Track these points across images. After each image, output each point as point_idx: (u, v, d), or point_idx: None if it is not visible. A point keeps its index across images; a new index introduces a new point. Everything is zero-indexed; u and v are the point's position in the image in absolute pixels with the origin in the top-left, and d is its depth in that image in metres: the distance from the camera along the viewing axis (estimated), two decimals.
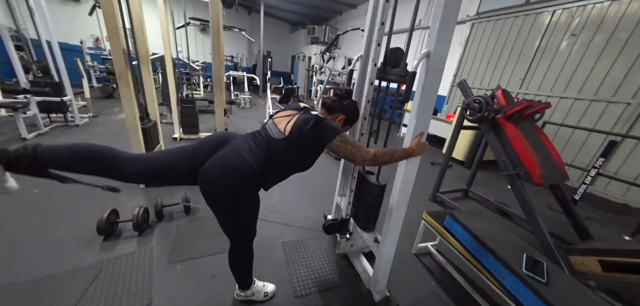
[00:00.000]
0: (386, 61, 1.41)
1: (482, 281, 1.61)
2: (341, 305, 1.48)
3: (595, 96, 3.51)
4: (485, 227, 1.52)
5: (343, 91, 1.31)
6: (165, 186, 1.40)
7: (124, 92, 2.16)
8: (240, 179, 1.03)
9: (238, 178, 1.03)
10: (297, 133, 1.08)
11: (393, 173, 1.41)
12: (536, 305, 1.08)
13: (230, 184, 1.02)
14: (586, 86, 3.59)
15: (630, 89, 3.24)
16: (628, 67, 3.23)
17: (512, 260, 1.25)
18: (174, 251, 1.72)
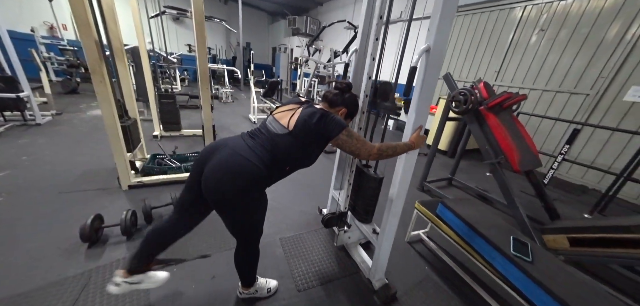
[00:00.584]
0: (376, 93, 1.47)
1: (471, 264, 1.74)
2: (343, 296, 1.52)
3: (560, 88, 3.84)
4: (474, 213, 1.63)
5: (344, 84, 1.31)
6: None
7: (100, 88, 1.99)
8: (245, 179, 1.01)
9: (243, 179, 1.01)
10: (302, 127, 1.07)
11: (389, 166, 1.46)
12: (524, 282, 1.19)
13: (234, 186, 1.00)
14: (552, 78, 3.91)
15: (588, 81, 3.58)
16: (588, 61, 3.56)
17: (500, 242, 1.37)
18: (168, 253, 1.64)
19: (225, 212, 1.10)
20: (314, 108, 1.14)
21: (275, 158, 1.08)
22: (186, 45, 11.05)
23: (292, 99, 1.26)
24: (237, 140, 1.12)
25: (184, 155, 2.90)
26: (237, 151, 1.04)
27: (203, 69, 2.38)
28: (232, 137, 1.15)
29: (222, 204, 1.06)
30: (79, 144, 3.17)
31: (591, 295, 1.11)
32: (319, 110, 1.11)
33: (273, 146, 1.08)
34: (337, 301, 1.48)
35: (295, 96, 1.33)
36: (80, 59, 6.45)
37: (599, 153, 3.56)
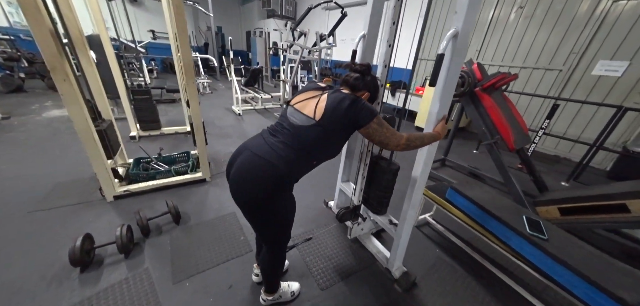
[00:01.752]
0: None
1: (481, 243, 1.81)
2: (365, 288, 1.52)
3: (536, 65, 4.06)
4: (483, 195, 1.69)
5: (364, 66, 1.18)
6: None
7: (64, 88, 1.71)
8: (266, 182, 0.93)
9: (264, 182, 0.93)
10: (331, 116, 0.97)
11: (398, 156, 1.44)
12: (542, 259, 1.26)
13: (256, 190, 0.93)
14: (529, 56, 4.12)
15: (561, 58, 3.82)
16: (561, 38, 3.78)
17: (514, 222, 1.43)
18: (176, 268, 1.52)
19: (252, 217, 1.05)
20: (341, 93, 1.03)
21: (301, 153, 0.99)
22: (149, 32, 10.01)
23: (310, 85, 1.15)
24: (257, 139, 1.03)
25: (171, 156, 2.67)
26: (255, 153, 0.96)
27: (187, 60, 2.14)
28: (253, 138, 1.07)
29: (248, 210, 1.02)
30: (42, 153, 2.78)
31: (605, 265, 1.20)
32: (348, 95, 1.01)
33: (298, 140, 0.98)
34: (361, 294, 1.48)
35: (313, 82, 1.22)
36: (20, 49, 5.58)
37: (569, 125, 3.88)
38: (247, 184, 0.94)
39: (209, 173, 2.49)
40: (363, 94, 1.16)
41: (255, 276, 1.49)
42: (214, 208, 2.10)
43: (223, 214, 2.04)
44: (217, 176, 2.59)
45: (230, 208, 2.11)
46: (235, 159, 1.01)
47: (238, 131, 3.99)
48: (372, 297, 1.47)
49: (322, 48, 4.58)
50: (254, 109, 5.40)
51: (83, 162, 2.61)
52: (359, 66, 1.20)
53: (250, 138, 1.06)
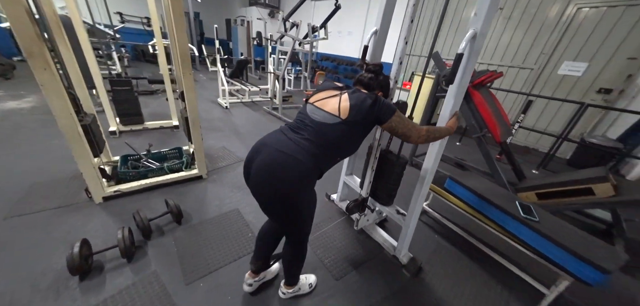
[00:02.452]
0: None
1: (473, 226, 1.97)
2: (376, 275, 1.60)
3: (512, 63, 4.40)
4: (479, 185, 1.83)
5: (377, 66, 1.25)
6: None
7: (45, 77, 1.54)
8: (292, 178, 0.94)
9: (289, 178, 0.94)
10: (356, 114, 1.01)
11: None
12: (535, 239, 1.42)
13: (281, 186, 0.94)
14: (506, 55, 4.45)
15: (533, 57, 4.18)
16: (533, 39, 4.13)
17: (509, 207, 1.58)
18: (186, 269, 1.47)
19: (277, 213, 1.05)
20: (362, 93, 1.09)
21: (326, 149, 1.01)
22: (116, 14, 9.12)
23: (327, 84, 1.18)
24: (277, 136, 1.03)
25: (161, 153, 2.52)
26: (279, 149, 0.96)
27: (183, 48, 2.01)
28: (271, 134, 1.06)
29: (273, 207, 1.02)
30: (7, 151, 2.47)
31: (586, 241, 1.38)
32: (369, 94, 1.07)
33: (322, 136, 1.00)
34: (373, 282, 1.55)
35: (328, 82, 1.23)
36: None
37: (538, 119, 4.28)
38: (273, 180, 0.94)
39: (205, 169, 2.39)
40: (377, 93, 1.21)
41: (249, 286, 1.36)
42: (215, 206, 2.04)
43: (225, 211, 1.99)
44: (213, 173, 2.50)
45: (232, 204, 2.06)
46: (254, 158, 0.99)
47: (228, 125, 3.85)
48: (383, 283, 1.55)
49: (315, 40, 4.54)
50: (241, 102, 5.23)
51: (58, 159, 2.38)
52: (373, 65, 1.27)
53: (268, 135, 1.06)
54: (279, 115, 4.38)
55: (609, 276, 1.20)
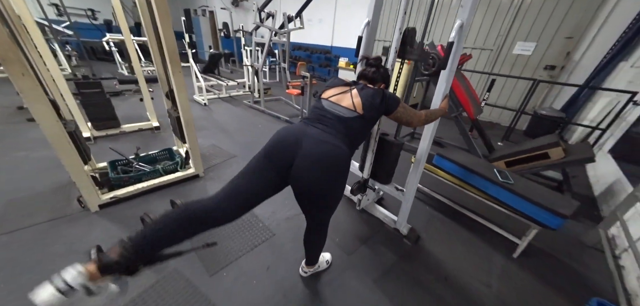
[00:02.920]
0: (405, 41, 1.58)
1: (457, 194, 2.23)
2: (382, 247, 1.78)
3: (474, 45, 4.83)
4: (463, 159, 2.09)
5: (378, 59, 1.35)
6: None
7: (25, 84, 1.43)
8: (341, 166, 1.04)
9: (339, 166, 1.03)
10: (370, 108, 1.13)
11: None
12: (512, 198, 1.70)
13: (334, 174, 1.03)
14: (469, 37, 4.86)
15: (492, 39, 4.64)
16: (492, 21, 4.56)
17: (489, 175, 1.84)
18: (207, 263, 1.52)
19: (318, 201, 1.10)
20: (370, 88, 1.19)
21: (353, 138, 1.12)
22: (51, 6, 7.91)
23: (335, 81, 1.27)
24: (310, 128, 1.06)
25: (150, 156, 2.42)
26: (324, 140, 1.02)
27: (171, 45, 1.93)
28: (300, 127, 1.09)
29: (318, 194, 1.06)
30: None
31: (549, 195, 1.69)
32: (377, 90, 1.19)
33: (347, 129, 1.10)
34: (380, 252, 1.73)
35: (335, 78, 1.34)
36: None
37: (499, 96, 4.80)
38: (326, 169, 0.99)
39: (201, 168, 2.37)
40: (380, 85, 1.33)
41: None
42: None
43: None
44: (209, 171, 2.48)
45: None
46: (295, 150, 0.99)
47: (212, 123, 3.75)
48: (390, 253, 1.74)
49: (292, 30, 4.52)
50: (219, 97, 5.06)
51: (29, 174, 2.19)
52: (374, 60, 1.36)
53: (296, 129, 1.07)
54: (263, 109, 4.35)
55: (567, 220, 1.51)
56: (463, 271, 1.65)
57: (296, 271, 1.52)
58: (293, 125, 1.13)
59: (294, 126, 1.12)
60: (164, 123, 3.36)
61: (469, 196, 1.98)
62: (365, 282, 1.51)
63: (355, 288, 1.47)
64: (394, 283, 1.52)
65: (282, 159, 1.03)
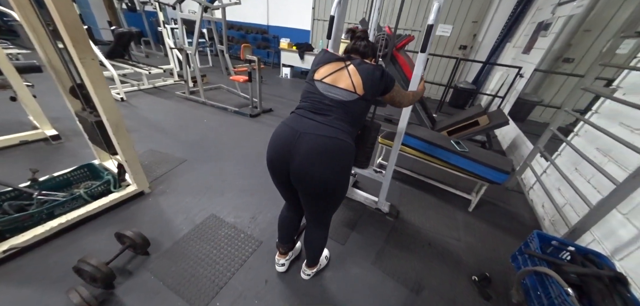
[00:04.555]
0: None
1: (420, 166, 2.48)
2: (370, 228, 1.83)
3: (405, 26, 5.31)
4: (424, 134, 2.30)
5: (365, 32, 1.22)
6: None
7: None
8: (344, 160, 0.97)
9: (342, 161, 0.96)
10: (371, 88, 1.01)
11: None
12: (468, 163, 1.97)
13: (336, 171, 0.95)
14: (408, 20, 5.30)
15: (420, 21, 5.19)
16: (418, 4, 5.07)
17: (448, 146, 2.09)
18: (191, 296, 1.25)
19: (323, 199, 1.03)
20: (367, 64, 1.06)
21: (353, 125, 1.03)
22: None
23: (326, 56, 1.09)
24: (305, 121, 0.96)
25: (59, 178, 1.78)
26: (322, 135, 0.92)
27: (71, 19, 1.35)
28: (295, 120, 0.98)
29: (322, 193, 0.99)
30: None
31: (494, 156, 2.04)
32: (376, 66, 1.06)
33: (349, 114, 1.00)
34: (371, 234, 1.78)
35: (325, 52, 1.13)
36: None
37: (428, 73, 5.49)
38: (328, 166, 0.92)
39: (146, 182, 1.89)
40: (371, 59, 1.25)
41: (281, 266, 1.44)
42: (183, 219, 1.70)
43: (199, 221, 1.70)
44: (157, 183, 2.00)
45: (204, 211, 1.78)
46: (294, 149, 0.92)
47: (142, 122, 3.02)
48: (379, 232, 1.81)
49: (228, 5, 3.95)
50: (140, 89, 4.11)
51: None
52: (361, 32, 1.21)
53: (292, 122, 0.97)
54: (204, 100, 3.76)
55: (509, 175, 1.87)
56: (438, 232, 1.87)
57: (297, 276, 1.42)
58: (286, 121, 1.01)
59: (287, 121, 1.00)
60: (66, 129, 2.52)
61: (430, 166, 2.22)
62: (364, 267, 1.53)
63: (357, 275, 1.48)
64: (389, 260, 1.59)
65: (283, 164, 0.97)
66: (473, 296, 1.43)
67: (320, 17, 6.59)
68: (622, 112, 1.75)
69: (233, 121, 3.32)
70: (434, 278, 1.51)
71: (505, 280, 1.54)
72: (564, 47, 3.28)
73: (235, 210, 1.82)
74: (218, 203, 1.87)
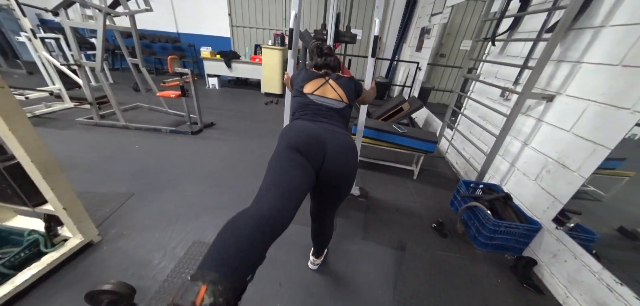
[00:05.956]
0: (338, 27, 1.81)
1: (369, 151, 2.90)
2: (350, 211, 2.07)
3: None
4: (371, 123, 2.72)
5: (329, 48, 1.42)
6: None
7: None
8: (356, 152, 1.14)
9: (355, 152, 1.13)
10: (351, 96, 1.26)
11: None
12: (409, 141, 2.49)
13: (355, 160, 1.11)
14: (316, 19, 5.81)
15: None
16: None
17: (392, 130, 2.56)
18: None
19: (346, 189, 1.15)
20: (343, 77, 1.29)
21: (346, 126, 1.24)
22: None
23: (308, 73, 1.26)
24: (320, 123, 1.10)
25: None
26: (340, 132, 1.09)
27: None
28: (309, 123, 1.10)
29: (346, 183, 1.12)
30: None
31: (424, 133, 2.63)
32: (349, 78, 1.31)
33: (342, 118, 1.21)
34: (352, 216, 2.02)
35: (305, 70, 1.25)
36: None
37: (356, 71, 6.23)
38: (352, 160, 1.06)
39: (94, 229, 1.52)
40: (339, 71, 1.49)
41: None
42: (162, 256, 1.49)
43: (183, 252, 1.53)
44: (108, 228, 1.63)
45: (184, 241, 1.60)
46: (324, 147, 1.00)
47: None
48: (357, 213, 2.07)
49: (138, 11, 3.39)
50: None
51: None
52: (328, 49, 1.43)
53: (309, 125, 1.08)
54: (124, 123, 3.13)
55: (436, 144, 2.48)
56: (400, 200, 2.30)
57: (307, 269, 1.51)
58: (306, 120, 1.12)
59: (307, 120, 1.12)
60: None
61: (376, 149, 2.67)
62: (358, 243, 1.77)
63: (355, 251, 1.69)
64: (374, 232, 1.88)
65: (317, 155, 1.00)
66: (436, 238, 1.89)
67: (239, 23, 6.43)
68: (485, 90, 2.60)
69: (173, 142, 2.94)
70: (409, 234, 1.89)
71: (452, 220, 2.08)
72: (438, 46, 4.43)
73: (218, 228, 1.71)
74: (196, 227, 1.71)
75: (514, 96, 2.15)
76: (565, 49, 1.74)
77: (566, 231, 1.53)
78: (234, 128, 3.57)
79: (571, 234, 1.50)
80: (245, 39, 6.57)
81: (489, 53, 2.67)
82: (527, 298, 1.49)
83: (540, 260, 1.65)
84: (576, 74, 1.64)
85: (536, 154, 1.83)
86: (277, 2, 6.02)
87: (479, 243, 1.80)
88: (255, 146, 3.04)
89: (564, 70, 1.73)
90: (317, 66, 1.37)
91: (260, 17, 6.25)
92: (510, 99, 2.24)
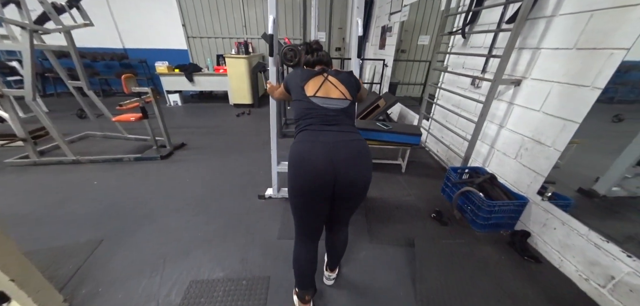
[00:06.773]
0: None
1: None
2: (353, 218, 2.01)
3: (293, 36, 5.78)
4: (359, 123, 2.71)
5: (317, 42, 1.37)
6: None
7: None
8: (370, 155, 1.08)
9: (369, 153, 1.07)
10: (352, 91, 1.18)
11: None
12: (395, 136, 2.54)
13: (370, 163, 1.06)
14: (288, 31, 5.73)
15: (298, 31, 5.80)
16: (292, 17, 5.64)
17: (377, 128, 2.59)
18: None
19: (361, 197, 1.10)
20: (342, 72, 1.22)
21: (354, 126, 1.17)
22: None
23: (305, 73, 1.18)
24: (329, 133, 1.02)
25: None
26: (352, 140, 1.03)
27: None
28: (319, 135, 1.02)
29: (363, 192, 1.08)
30: None
31: (408, 127, 2.71)
32: (348, 73, 1.24)
33: (349, 116, 1.14)
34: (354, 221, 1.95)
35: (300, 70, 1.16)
36: None
37: None
38: (364, 167, 1.01)
39: (58, 295, 1.23)
40: (332, 66, 1.42)
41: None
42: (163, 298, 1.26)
43: (181, 297, 1.32)
44: (77, 287, 1.33)
45: (178, 284, 1.39)
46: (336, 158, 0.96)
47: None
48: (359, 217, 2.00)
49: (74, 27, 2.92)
50: None
51: None
52: (315, 43, 1.36)
53: (318, 137, 1.01)
54: (74, 158, 2.65)
55: (420, 136, 2.57)
56: (395, 196, 2.32)
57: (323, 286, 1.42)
58: (307, 138, 1.02)
59: (309, 138, 1.02)
60: None
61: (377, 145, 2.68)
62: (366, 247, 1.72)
63: (365, 256, 1.65)
64: (380, 233, 1.85)
65: (328, 182, 0.97)
66: (438, 227, 1.93)
67: (195, 34, 6.01)
68: (455, 80, 2.78)
69: (140, 171, 2.58)
70: (413, 229, 1.91)
71: (446, 207, 2.16)
72: (399, 43, 4.66)
73: (217, 262, 1.53)
74: (189, 266, 1.50)
75: (484, 83, 2.33)
76: (524, 38, 1.92)
77: (548, 201, 1.68)
78: (209, 146, 3.28)
79: (552, 203, 1.65)
80: (205, 50, 6.15)
81: (453, 46, 2.86)
82: (530, 268, 1.60)
83: (532, 231, 1.79)
84: (537, 59, 1.82)
85: (513, 135, 1.99)
86: (235, 10, 5.76)
87: (477, 226, 1.89)
88: (236, 163, 2.82)
89: (526, 56, 1.91)
90: (308, 63, 1.30)
91: (217, 26, 5.91)
92: (480, 87, 2.42)
